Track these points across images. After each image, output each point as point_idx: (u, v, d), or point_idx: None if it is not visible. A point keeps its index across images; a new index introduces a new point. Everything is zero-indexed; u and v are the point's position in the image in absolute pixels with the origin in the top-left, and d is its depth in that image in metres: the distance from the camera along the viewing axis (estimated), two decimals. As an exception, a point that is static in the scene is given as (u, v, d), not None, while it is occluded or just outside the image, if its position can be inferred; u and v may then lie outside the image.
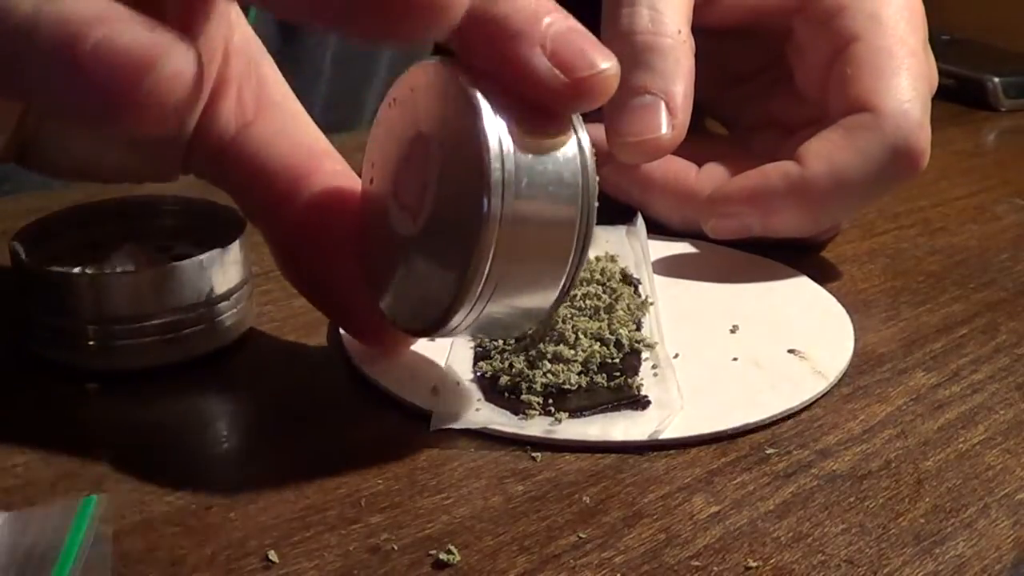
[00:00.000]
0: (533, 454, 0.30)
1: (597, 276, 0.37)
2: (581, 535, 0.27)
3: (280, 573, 0.25)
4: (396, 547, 0.26)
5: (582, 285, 0.37)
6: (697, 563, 0.26)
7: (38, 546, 0.24)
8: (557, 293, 0.28)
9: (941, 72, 0.46)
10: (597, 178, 0.27)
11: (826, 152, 0.41)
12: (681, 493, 0.28)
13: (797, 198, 0.41)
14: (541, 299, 0.28)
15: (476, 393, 0.32)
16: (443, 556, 0.25)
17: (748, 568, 0.26)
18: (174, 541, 0.26)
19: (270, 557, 0.25)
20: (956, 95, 0.68)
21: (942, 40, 0.72)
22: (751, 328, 0.37)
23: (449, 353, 0.34)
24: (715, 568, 0.26)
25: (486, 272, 0.26)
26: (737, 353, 0.35)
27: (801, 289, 0.41)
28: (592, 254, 0.29)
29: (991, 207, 0.51)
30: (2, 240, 0.34)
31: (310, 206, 0.30)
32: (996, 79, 0.69)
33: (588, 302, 0.35)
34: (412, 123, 0.28)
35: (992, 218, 0.50)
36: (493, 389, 0.32)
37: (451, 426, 0.30)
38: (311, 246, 0.31)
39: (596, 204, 0.27)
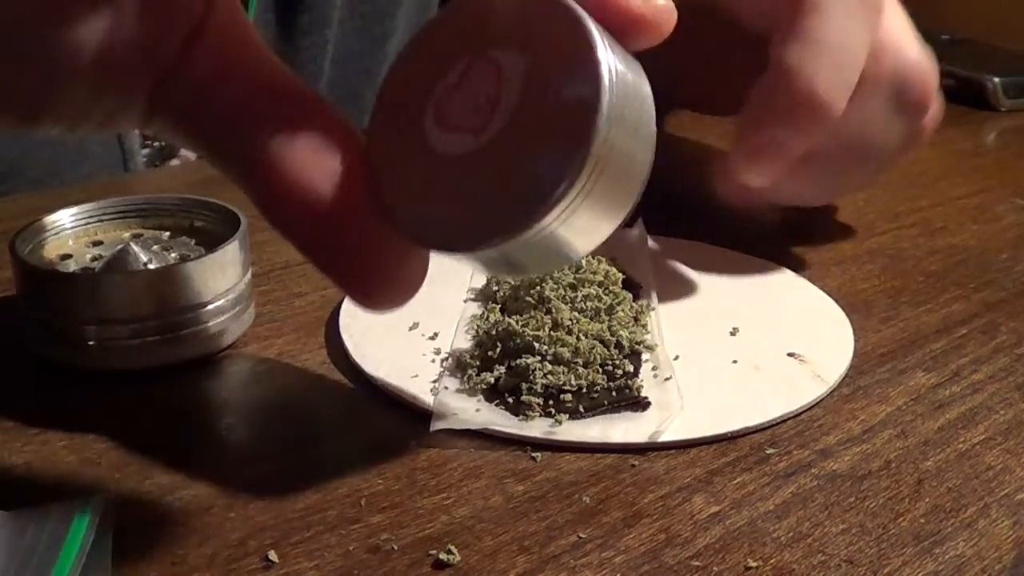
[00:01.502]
0: (533, 454, 0.30)
1: (599, 278, 0.37)
2: (581, 535, 0.27)
3: (280, 573, 0.25)
4: (396, 547, 0.26)
5: (583, 287, 0.37)
6: (697, 563, 0.26)
7: (38, 546, 0.24)
8: (610, 230, 0.26)
9: (941, 72, 0.46)
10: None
11: (798, 49, 0.38)
12: (681, 493, 0.28)
13: (797, 90, 0.38)
14: (585, 242, 0.27)
15: (476, 393, 0.32)
16: (443, 556, 0.25)
17: (748, 568, 0.26)
18: (174, 541, 0.26)
19: (270, 557, 0.25)
20: (956, 95, 0.68)
21: (942, 40, 0.72)
22: (751, 331, 0.37)
23: (450, 352, 0.34)
24: (715, 568, 0.26)
25: (580, 188, 0.24)
26: (737, 356, 0.35)
27: (801, 292, 0.41)
28: (593, 257, 0.28)
29: (991, 207, 0.51)
30: (2, 240, 0.34)
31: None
32: (996, 79, 0.68)
33: (589, 304, 0.35)
34: (465, 45, 0.27)
35: (992, 218, 0.50)
36: (493, 390, 0.32)
37: (451, 426, 0.30)
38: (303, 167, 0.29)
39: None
